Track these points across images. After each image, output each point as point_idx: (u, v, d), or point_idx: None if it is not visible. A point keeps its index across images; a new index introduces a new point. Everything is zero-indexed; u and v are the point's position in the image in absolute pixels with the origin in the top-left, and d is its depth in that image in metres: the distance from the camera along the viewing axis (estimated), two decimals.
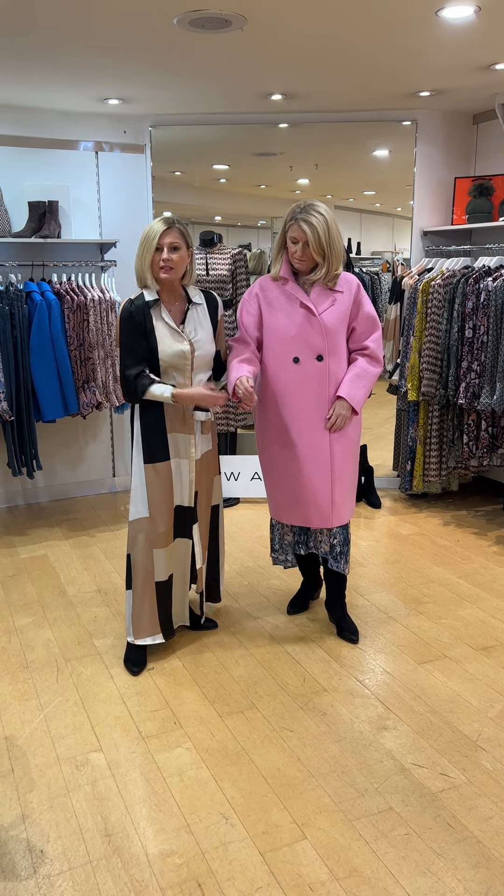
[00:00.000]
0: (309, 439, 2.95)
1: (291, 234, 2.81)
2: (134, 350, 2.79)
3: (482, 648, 3.11)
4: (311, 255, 2.81)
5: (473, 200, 4.67)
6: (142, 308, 2.79)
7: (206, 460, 3.05)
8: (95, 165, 4.81)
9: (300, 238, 2.79)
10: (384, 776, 2.35)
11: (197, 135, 4.91)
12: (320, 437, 2.94)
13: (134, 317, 2.78)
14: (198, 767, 2.40)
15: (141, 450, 2.90)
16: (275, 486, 3.08)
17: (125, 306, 2.80)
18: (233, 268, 4.70)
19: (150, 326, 2.79)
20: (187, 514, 3.01)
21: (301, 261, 2.84)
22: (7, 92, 4.16)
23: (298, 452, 2.97)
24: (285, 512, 3.08)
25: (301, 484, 2.99)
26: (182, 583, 3.11)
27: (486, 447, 4.39)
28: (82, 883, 1.96)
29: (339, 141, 4.92)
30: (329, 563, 3.10)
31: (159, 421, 2.88)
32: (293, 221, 2.79)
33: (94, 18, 2.99)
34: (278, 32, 3.19)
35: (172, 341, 2.81)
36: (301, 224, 2.76)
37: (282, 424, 2.98)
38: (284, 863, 2.02)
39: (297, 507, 3.03)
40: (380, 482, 5.17)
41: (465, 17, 3.03)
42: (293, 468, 2.99)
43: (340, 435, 2.95)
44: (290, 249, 2.84)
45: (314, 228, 2.75)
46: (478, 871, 1.99)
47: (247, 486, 4.95)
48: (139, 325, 2.78)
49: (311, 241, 2.77)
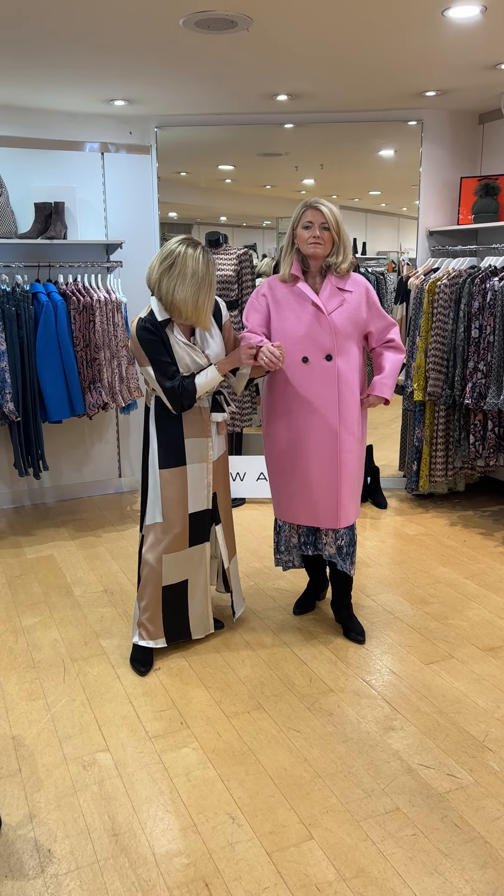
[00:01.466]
0: (317, 439, 2.95)
1: (306, 219, 2.83)
2: (165, 361, 2.76)
3: (489, 649, 3.10)
4: (329, 237, 2.84)
5: (479, 200, 4.66)
6: (157, 325, 2.76)
7: (221, 461, 3.05)
8: (101, 166, 4.82)
9: (316, 220, 2.82)
10: (391, 776, 2.35)
11: (202, 135, 4.91)
12: (328, 438, 2.94)
13: (153, 331, 2.74)
14: (204, 767, 2.40)
15: (157, 455, 2.89)
16: (282, 486, 3.08)
17: (140, 324, 2.75)
18: (238, 268, 4.70)
19: (167, 343, 2.78)
20: (206, 517, 3.00)
21: (318, 243, 2.84)
22: (13, 93, 4.18)
23: (306, 452, 2.97)
24: (293, 512, 3.08)
25: (309, 484, 2.99)
26: (201, 589, 3.07)
27: (492, 447, 4.38)
28: (90, 882, 1.97)
29: (344, 141, 4.92)
30: (338, 564, 3.10)
31: (176, 427, 2.87)
32: (305, 209, 2.84)
33: (101, 20, 3.00)
34: (284, 33, 3.19)
35: (189, 356, 2.81)
36: (317, 206, 2.81)
37: (290, 424, 2.98)
38: (291, 863, 2.02)
39: (304, 507, 3.03)
40: (386, 482, 5.16)
41: (471, 17, 3.02)
42: (301, 468, 2.99)
43: (348, 435, 2.95)
44: (304, 235, 2.84)
45: (330, 209, 2.82)
46: (485, 871, 1.98)
47: (252, 487, 4.95)
48: (161, 338, 2.76)
49: (330, 221, 2.81)
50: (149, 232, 5.00)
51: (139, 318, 2.77)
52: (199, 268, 2.70)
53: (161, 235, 5.02)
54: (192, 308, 2.72)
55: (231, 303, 4.71)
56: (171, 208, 5.04)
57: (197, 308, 2.72)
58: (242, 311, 4.74)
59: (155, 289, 2.75)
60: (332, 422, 2.93)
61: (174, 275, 2.69)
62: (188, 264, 2.68)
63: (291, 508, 3.08)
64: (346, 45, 3.38)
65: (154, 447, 2.90)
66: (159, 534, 2.93)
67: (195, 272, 2.69)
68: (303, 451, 2.98)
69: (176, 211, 5.09)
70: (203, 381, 2.79)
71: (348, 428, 2.95)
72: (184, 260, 2.68)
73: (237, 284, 4.72)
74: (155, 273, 2.73)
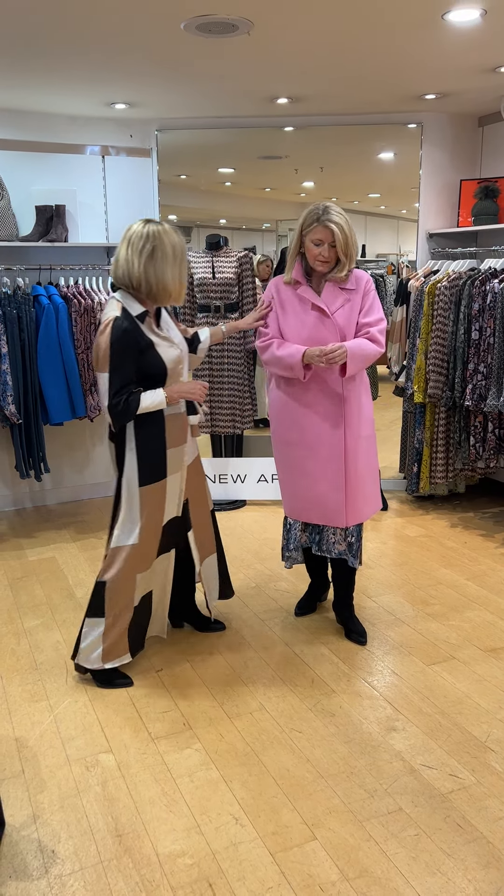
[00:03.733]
0: (322, 438, 2.96)
1: (316, 236, 2.81)
2: (125, 373, 2.58)
3: (490, 650, 3.11)
4: (335, 255, 2.84)
5: (479, 202, 4.68)
6: (134, 323, 2.60)
7: (195, 465, 2.97)
8: (102, 169, 4.83)
9: (326, 239, 2.80)
10: (394, 777, 2.35)
11: (203, 138, 4.93)
12: (333, 436, 2.95)
13: (129, 334, 2.57)
14: (207, 768, 2.41)
15: (136, 472, 2.70)
16: (290, 485, 3.09)
17: (118, 324, 2.55)
18: (239, 271, 4.71)
19: (146, 341, 2.63)
20: (175, 526, 2.90)
21: (326, 262, 2.85)
22: (14, 96, 4.19)
23: (312, 451, 2.99)
24: (301, 511, 3.09)
25: (315, 483, 3.00)
26: (161, 596, 2.99)
27: (492, 449, 4.39)
28: (93, 883, 1.97)
29: (344, 144, 4.94)
30: (348, 560, 3.10)
31: (159, 439, 2.71)
32: (316, 223, 2.79)
33: (102, 24, 3.01)
34: (284, 36, 3.21)
35: (168, 349, 2.68)
36: (328, 224, 2.77)
37: (295, 424, 3.00)
38: (295, 863, 2.03)
39: (311, 505, 3.05)
40: (386, 484, 5.17)
41: (471, 20, 3.04)
42: (307, 467, 3.01)
43: (353, 433, 2.96)
44: (314, 252, 2.83)
45: (340, 227, 2.78)
46: (488, 871, 1.99)
47: (253, 489, 4.96)
48: (135, 344, 2.58)
49: (338, 240, 2.79)
50: None
51: (115, 318, 2.56)
52: (176, 241, 2.62)
53: None
54: (179, 284, 2.64)
55: (232, 305, 4.72)
56: (171, 211, 5.06)
57: (182, 283, 2.66)
58: (242, 314, 4.76)
59: (140, 281, 2.60)
60: (336, 421, 2.94)
61: (158, 258, 2.58)
62: (165, 242, 2.59)
63: (299, 507, 3.09)
64: (347, 49, 3.40)
65: (132, 463, 2.70)
66: (133, 558, 2.75)
67: (174, 247, 2.61)
68: (308, 450, 2.99)
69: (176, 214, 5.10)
70: (147, 404, 2.61)
71: (353, 426, 2.96)
72: (161, 240, 2.58)
73: (238, 287, 4.73)
74: (137, 265, 2.58)
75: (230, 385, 4.82)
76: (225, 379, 4.82)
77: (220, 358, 4.80)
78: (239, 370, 4.78)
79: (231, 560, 4.09)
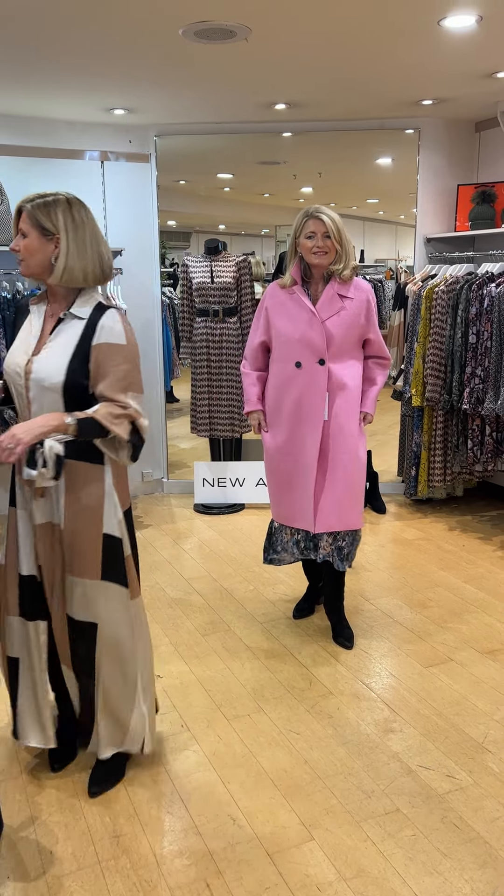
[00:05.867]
0: (308, 443, 2.97)
1: (309, 229, 2.85)
2: None
3: (488, 652, 3.12)
4: (331, 245, 2.86)
5: (476, 207, 4.70)
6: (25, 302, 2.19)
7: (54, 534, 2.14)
8: (101, 175, 4.85)
9: (318, 230, 2.84)
10: (391, 778, 2.36)
11: (201, 144, 4.95)
12: (317, 441, 2.96)
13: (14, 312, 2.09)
14: (205, 770, 2.41)
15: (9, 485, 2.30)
16: (276, 488, 3.11)
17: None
18: (237, 275, 4.74)
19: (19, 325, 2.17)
20: (34, 587, 2.19)
21: (321, 252, 2.86)
22: (13, 102, 4.21)
23: (298, 456, 3.00)
24: (287, 515, 3.10)
25: (302, 487, 3.01)
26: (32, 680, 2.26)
27: (490, 452, 4.41)
28: (91, 883, 1.98)
29: (342, 149, 4.97)
30: (335, 564, 3.10)
31: None
32: (307, 217, 2.86)
33: (101, 30, 3.03)
34: (282, 43, 3.23)
35: (18, 350, 2.11)
36: (318, 216, 2.84)
37: (282, 427, 3.02)
38: (292, 863, 2.03)
39: (298, 510, 3.06)
40: (385, 487, 5.18)
41: (467, 27, 3.06)
42: (293, 471, 3.02)
43: (340, 439, 2.97)
44: (308, 245, 2.86)
45: (331, 218, 2.84)
46: (485, 871, 1.99)
47: (252, 492, 4.97)
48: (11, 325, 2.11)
49: (331, 230, 2.83)
50: (148, 240, 5.04)
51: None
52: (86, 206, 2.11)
53: (160, 243, 5.05)
54: None
55: (230, 310, 4.74)
56: (170, 216, 5.08)
57: None
58: (241, 319, 4.78)
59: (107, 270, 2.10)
60: (322, 426, 2.95)
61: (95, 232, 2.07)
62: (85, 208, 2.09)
63: (285, 511, 3.10)
64: (344, 55, 3.42)
65: None
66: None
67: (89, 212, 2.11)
68: (295, 454, 3.01)
69: (175, 219, 5.13)
70: None
71: (341, 432, 2.97)
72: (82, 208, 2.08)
73: (236, 291, 4.75)
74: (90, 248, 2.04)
75: (229, 389, 4.84)
76: (224, 383, 4.84)
77: (218, 362, 4.82)
78: (238, 374, 4.80)
79: (229, 563, 4.09)
